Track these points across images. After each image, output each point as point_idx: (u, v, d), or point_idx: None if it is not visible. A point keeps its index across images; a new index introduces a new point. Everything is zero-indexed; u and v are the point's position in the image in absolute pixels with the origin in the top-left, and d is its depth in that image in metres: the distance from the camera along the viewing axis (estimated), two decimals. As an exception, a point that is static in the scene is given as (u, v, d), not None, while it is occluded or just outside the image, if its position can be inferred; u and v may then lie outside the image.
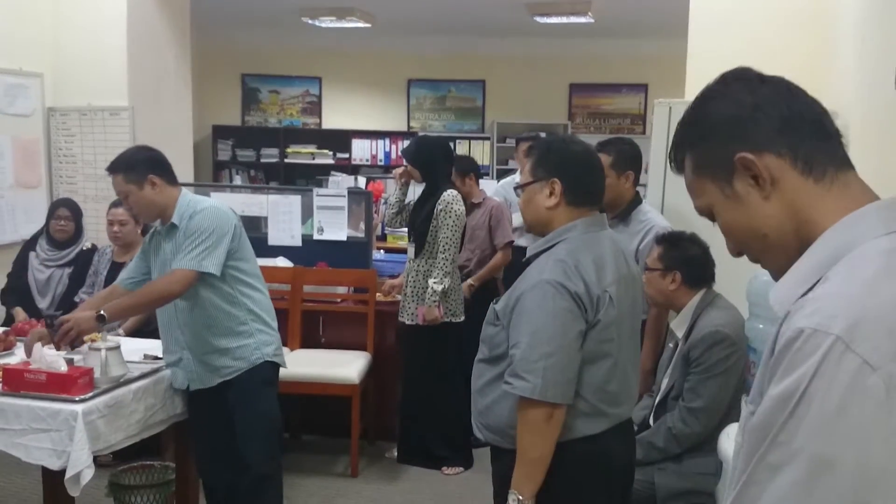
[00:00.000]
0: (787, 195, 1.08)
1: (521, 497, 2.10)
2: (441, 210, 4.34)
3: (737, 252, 1.17)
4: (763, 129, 1.08)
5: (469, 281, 4.82)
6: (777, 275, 1.13)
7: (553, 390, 2.05)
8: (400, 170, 4.67)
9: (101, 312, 3.02)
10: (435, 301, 4.31)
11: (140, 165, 3.13)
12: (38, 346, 2.98)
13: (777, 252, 1.11)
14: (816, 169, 1.07)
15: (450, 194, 4.37)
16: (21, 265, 4.76)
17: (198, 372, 3.18)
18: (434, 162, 4.47)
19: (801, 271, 1.05)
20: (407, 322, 4.47)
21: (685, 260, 3.08)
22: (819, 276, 1.01)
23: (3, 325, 4.05)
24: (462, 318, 4.49)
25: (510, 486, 2.13)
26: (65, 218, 4.74)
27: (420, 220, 4.44)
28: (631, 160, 3.48)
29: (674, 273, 3.07)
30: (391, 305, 4.72)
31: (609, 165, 3.34)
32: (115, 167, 3.15)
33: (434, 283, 4.31)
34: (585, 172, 2.26)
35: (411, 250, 4.54)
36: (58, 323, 3.04)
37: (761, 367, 1.03)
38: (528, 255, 2.30)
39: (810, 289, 1.01)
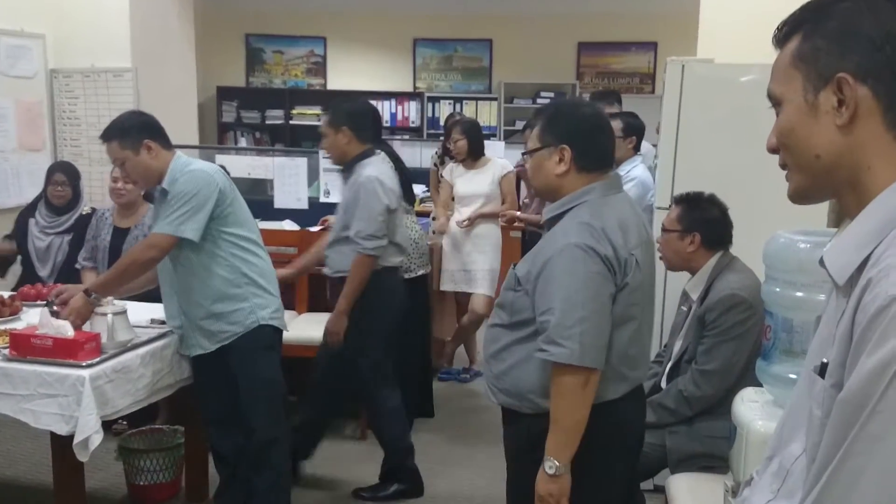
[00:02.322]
0: (860, 135, 1.03)
1: (557, 463, 2.07)
2: None
3: (774, 151, 1.13)
4: (880, 62, 1.02)
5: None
6: (794, 193, 1.12)
7: (590, 355, 2.03)
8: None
9: (92, 293, 2.99)
10: None
11: (134, 130, 3.06)
12: (44, 310, 2.97)
13: (814, 175, 1.08)
14: None
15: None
16: (21, 233, 4.65)
17: (196, 338, 3.16)
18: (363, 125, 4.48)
19: (858, 235, 1.02)
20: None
21: (705, 221, 3.04)
22: (878, 239, 0.98)
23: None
24: (421, 272, 4.55)
25: (535, 451, 2.10)
26: (61, 183, 4.59)
27: None
28: (347, 116, 3.65)
29: (693, 235, 3.03)
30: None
31: (327, 123, 3.65)
32: (109, 134, 3.08)
33: None
34: (596, 137, 2.21)
35: None
36: (56, 312, 3.01)
37: (839, 338, 0.99)
38: (543, 219, 2.26)
39: (870, 254, 0.98)
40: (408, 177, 4.53)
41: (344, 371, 3.65)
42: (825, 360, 1.02)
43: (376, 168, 3.61)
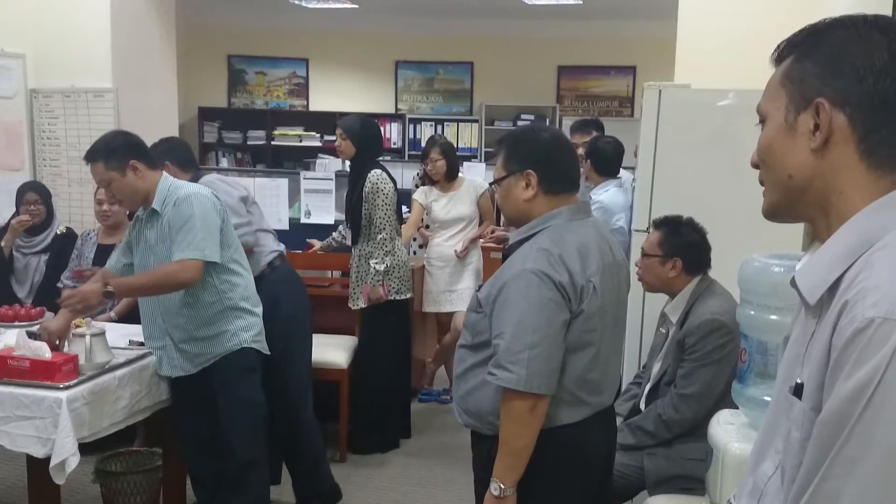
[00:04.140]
0: (833, 161, 1.05)
1: (502, 486, 2.10)
2: (369, 191, 4.32)
3: (756, 166, 1.16)
4: (861, 92, 1.03)
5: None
6: (767, 210, 1.14)
7: (537, 381, 2.04)
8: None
9: (109, 288, 2.95)
10: (378, 280, 4.35)
11: (119, 151, 3.04)
12: (21, 332, 2.95)
13: (786, 194, 1.10)
14: (876, 156, 1.04)
15: (375, 174, 4.34)
16: None
17: (177, 359, 3.14)
18: (370, 144, 4.44)
19: (829, 257, 1.03)
20: (352, 307, 4.50)
21: (685, 246, 3.05)
22: (850, 261, 0.99)
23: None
24: (408, 296, 4.58)
25: (492, 473, 2.12)
26: (34, 202, 4.59)
27: (352, 205, 4.43)
28: (166, 154, 3.60)
29: (674, 260, 3.04)
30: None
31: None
32: (94, 155, 3.05)
33: (375, 263, 4.34)
34: (559, 159, 2.24)
35: (349, 236, 4.55)
36: (63, 297, 2.99)
37: (816, 361, 1.00)
38: (510, 243, 2.27)
39: (842, 275, 0.99)
40: (399, 197, 4.53)
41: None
42: (799, 381, 1.03)
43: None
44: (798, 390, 1.03)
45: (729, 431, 2.40)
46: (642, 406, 3.11)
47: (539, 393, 2.05)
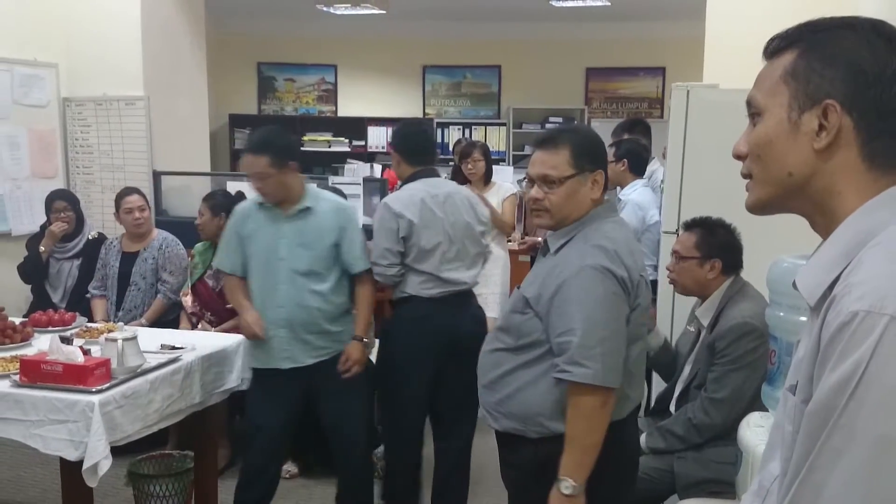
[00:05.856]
0: (835, 162, 1.05)
1: (575, 484, 2.06)
2: None
3: (741, 157, 1.14)
4: (869, 98, 1.03)
5: None
6: (755, 204, 1.13)
7: (612, 375, 2.06)
8: None
9: (363, 338, 3.32)
10: None
11: (286, 151, 3.24)
12: (55, 337, 2.99)
13: (782, 191, 1.10)
14: (878, 161, 1.04)
15: None
16: (34, 261, 4.73)
17: (292, 350, 3.25)
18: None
19: (827, 257, 1.04)
20: None
21: (724, 247, 3.02)
22: (847, 261, 1.00)
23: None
24: None
25: (554, 474, 2.08)
26: (63, 209, 4.67)
27: None
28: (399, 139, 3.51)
29: (713, 261, 3.01)
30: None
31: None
32: (263, 148, 3.19)
33: None
34: (607, 161, 2.30)
35: None
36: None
37: (806, 355, 1.01)
38: (557, 245, 2.20)
39: (839, 275, 1.00)
40: None
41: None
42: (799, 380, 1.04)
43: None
44: (795, 387, 1.04)
45: (759, 434, 2.37)
46: (672, 409, 3.09)
47: (611, 387, 2.06)
